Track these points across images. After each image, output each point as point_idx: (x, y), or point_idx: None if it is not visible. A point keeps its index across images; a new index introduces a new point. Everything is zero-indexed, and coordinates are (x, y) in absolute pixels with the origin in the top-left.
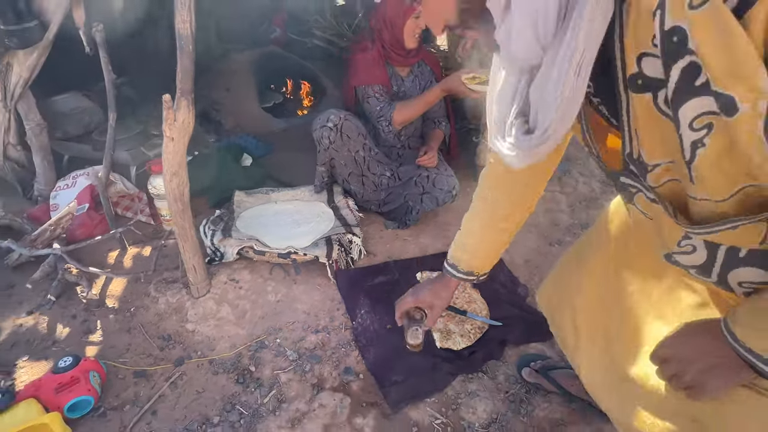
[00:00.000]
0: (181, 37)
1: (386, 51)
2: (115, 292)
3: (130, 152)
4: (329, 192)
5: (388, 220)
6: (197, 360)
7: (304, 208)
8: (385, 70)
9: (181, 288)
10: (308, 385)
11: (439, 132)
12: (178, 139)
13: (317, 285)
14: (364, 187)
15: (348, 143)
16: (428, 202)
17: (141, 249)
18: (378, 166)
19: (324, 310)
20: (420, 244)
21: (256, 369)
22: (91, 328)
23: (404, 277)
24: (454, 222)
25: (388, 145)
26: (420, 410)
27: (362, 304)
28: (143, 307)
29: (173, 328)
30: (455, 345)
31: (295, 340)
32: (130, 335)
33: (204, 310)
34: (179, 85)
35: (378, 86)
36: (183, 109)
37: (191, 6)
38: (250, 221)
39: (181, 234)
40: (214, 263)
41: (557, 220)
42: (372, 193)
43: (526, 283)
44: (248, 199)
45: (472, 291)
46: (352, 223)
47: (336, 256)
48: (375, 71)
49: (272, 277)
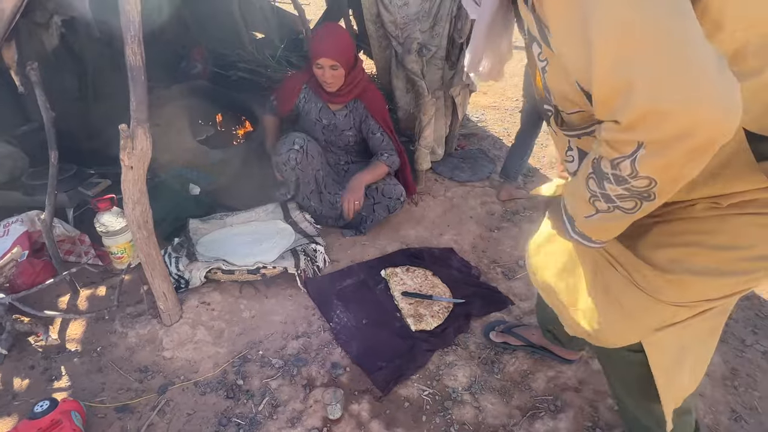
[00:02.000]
0: (133, 69)
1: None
2: (75, 335)
3: (67, 193)
4: (284, 209)
5: (346, 228)
6: (181, 384)
7: (262, 227)
8: (292, 99)
9: (150, 319)
10: (299, 386)
11: (380, 164)
12: (137, 166)
13: (288, 296)
14: (322, 204)
15: (312, 162)
16: (380, 211)
17: (94, 290)
18: (333, 185)
19: (300, 317)
20: (378, 245)
21: (244, 382)
22: (55, 375)
23: (370, 277)
24: (405, 223)
25: (333, 162)
26: (408, 387)
27: (336, 306)
28: (111, 345)
29: (149, 358)
30: (428, 325)
31: (277, 349)
32: (103, 374)
33: (179, 335)
34: (134, 115)
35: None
36: (140, 137)
37: (140, 38)
38: (210, 245)
39: (148, 262)
40: (181, 291)
41: (492, 210)
42: (329, 210)
43: (477, 266)
44: (204, 226)
45: (433, 278)
46: (312, 234)
47: (304, 266)
48: (285, 98)
49: (243, 296)
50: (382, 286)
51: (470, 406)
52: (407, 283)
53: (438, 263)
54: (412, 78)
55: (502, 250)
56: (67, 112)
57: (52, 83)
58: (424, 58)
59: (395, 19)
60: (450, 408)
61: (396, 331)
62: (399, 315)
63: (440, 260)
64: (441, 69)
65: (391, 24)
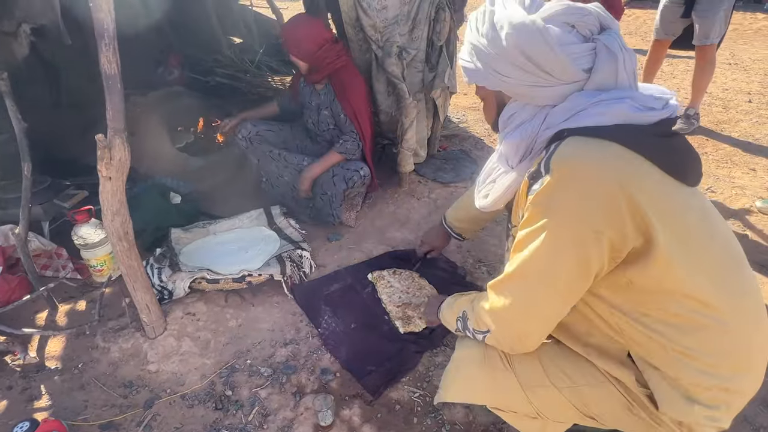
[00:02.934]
0: (108, 77)
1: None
2: (54, 352)
3: (42, 206)
4: (268, 216)
5: (318, 220)
6: (168, 398)
7: (247, 234)
8: (296, 86)
9: (133, 332)
10: (289, 394)
11: (332, 153)
12: (115, 177)
13: (275, 303)
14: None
15: (261, 146)
16: (339, 183)
17: (74, 305)
18: (294, 157)
19: (287, 324)
20: (364, 249)
21: (232, 392)
22: (34, 395)
23: (357, 281)
24: (390, 226)
25: (318, 153)
26: (398, 390)
27: (324, 312)
28: (93, 361)
29: (134, 373)
30: (416, 327)
31: (265, 357)
32: (85, 391)
33: (164, 348)
34: (111, 124)
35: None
36: (118, 146)
37: (115, 46)
38: (193, 255)
39: (130, 274)
40: (164, 302)
41: None
42: (299, 203)
43: (462, 265)
44: (186, 235)
45: (420, 280)
46: (298, 240)
47: (290, 272)
48: (293, 86)
49: (229, 305)
50: (369, 290)
51: (461, 406)
52: (394, 285)
53: (424, 265)
54: (392, 81)
55: (487, 249)
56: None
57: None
58: (404, 61)
59: (375, 23)
60: (441, 409)
61: (384, 335)
62: (387, 318)
63: (427, 262)
64: (421, 72)
65: (371, 28)
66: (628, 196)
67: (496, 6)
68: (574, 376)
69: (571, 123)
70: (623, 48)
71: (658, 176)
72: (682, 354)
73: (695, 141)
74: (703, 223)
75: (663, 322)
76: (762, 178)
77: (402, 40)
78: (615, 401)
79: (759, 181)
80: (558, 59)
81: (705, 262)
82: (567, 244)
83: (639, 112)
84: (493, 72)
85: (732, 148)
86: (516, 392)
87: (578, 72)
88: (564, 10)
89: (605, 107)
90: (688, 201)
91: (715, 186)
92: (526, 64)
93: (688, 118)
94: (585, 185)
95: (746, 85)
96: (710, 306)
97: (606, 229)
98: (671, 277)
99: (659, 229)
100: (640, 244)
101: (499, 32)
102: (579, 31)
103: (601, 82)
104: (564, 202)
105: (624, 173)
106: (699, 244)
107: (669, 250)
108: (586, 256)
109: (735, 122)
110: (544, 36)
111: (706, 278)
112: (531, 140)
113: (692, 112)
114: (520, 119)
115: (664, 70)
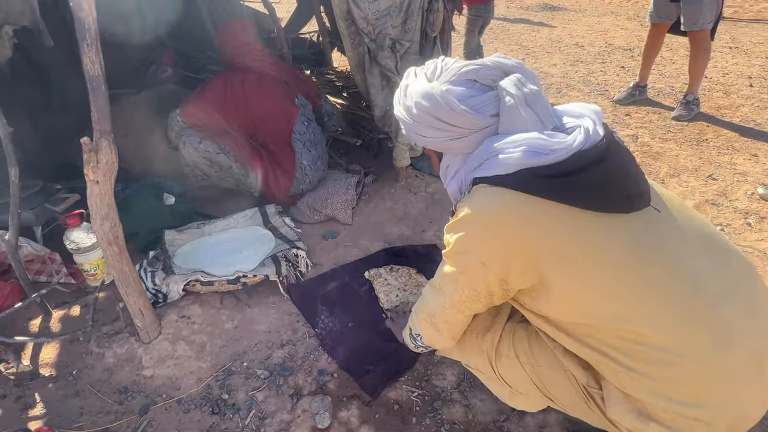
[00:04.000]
0: (92, 79)
1: None
2: (48, 359)
3: (33, 211)
4: (263, 215)
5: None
6: (164, 403)
7: (242, 234)
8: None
9: (127, 337)
10: (286, 396)
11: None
12: (103, 181)
13: (271, 304)
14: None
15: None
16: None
17: (67, 310)
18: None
19: (284, 325)
20: (361, 246)
21: (229, 396)
22: (29, 403)
23: (354, 279)
24: (387, 222)
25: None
26: (397, 390)
27: (320, 311)
28: (88, 367)
29: (129, 378)
30: None
31: (262, 359)
32: (80, 398)
33: (159, 352)
34: (97, 126)
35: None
36: (104, 149)
37: (98, 47)
38: (188, 257)
39: (122, 279)
40: (158, 305)
41: None
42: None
43: None
44: (180, 237)
45: (417, 276)
46: (293, 239)
47: (286, 272)
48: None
49: (224, 306)
50: (367, 288)
51: (460, 405)
52: (391, 283)
53: (422, 260)
54: (386, 75)
55: None
56: (32, 123)
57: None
58: (398, 54)
59: (366, 15)
60: (440, 408)
61: (382, 334)
62: (384, 317)
63: (424, 257)
64: (415, 64)
65: (363, 20)
66: (512, 242)
67: (410, 80)
68: (537, 355)
69: (481, 171)
70: (522, 88)
71: (560, 215)
72: (632, 377)
73: (695, 128)
74: (636, 250)
75: (608, 345)
76: (764, 163)
77: (395, 32)
78: (573, 390)
79: (761, 167)
80: (460, 114)
81: (636, 292)
82: (458, 270)
83: (537, 158)
84: (417, 135)
85: (733, 133)
86: (483, 356)
87: (484, 119)
88: (462, 70)
89: (505, 156)
90: (608, 232)
91: (716, 173)
92: (438, 123)
93: (687, 105)
94: (476, 228)
95: (747, 69)
96: (649, 336)
97: (491, 263)
98: (583, 311)
99: (551, 269)
100: (534, 282)
101: (411, 103)
102: (482, 82)
103: (509, 122)
104: (460, 239)
105: (512, 220)
106: (625, 275)
107: (568, 288)
108: (473, 281)
109: (736, 107)
110: (444, 99)
111: (640, 309)
112: (462, 184)
113: (691, 98)
114: (454, 169)
115: (663, 56)
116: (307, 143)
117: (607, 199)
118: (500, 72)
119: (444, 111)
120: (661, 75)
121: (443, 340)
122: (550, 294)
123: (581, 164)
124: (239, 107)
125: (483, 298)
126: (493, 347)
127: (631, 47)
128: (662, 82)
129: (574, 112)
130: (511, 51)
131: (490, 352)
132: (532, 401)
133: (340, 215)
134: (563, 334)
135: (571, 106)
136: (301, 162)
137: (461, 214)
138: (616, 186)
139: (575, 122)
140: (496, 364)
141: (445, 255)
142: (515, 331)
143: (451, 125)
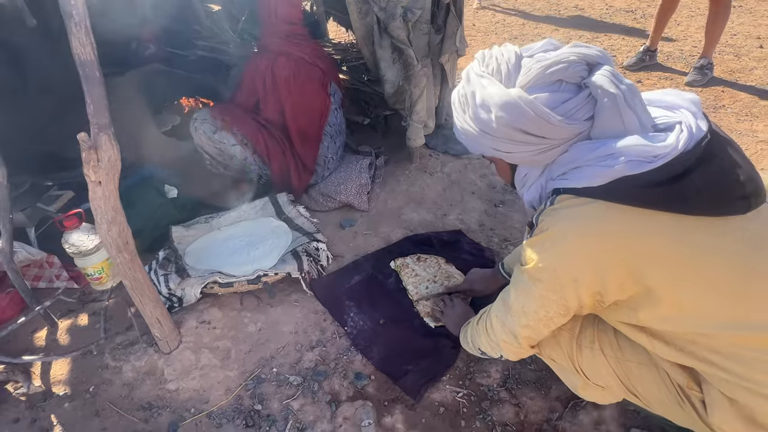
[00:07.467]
0: (84, 64)
1: None
2: (60, 376)
3: (24, 212)
4: (275, 205)
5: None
6: (193, 419)
7: (255, 227)
8: None
9: (145, 347)
10: (323, 403)
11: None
12: (106, 181)
13: (294, 302)
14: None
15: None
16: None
17: (75, 319)
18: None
19: (311, 324)
20: (381, 234)
21: (262, 406)
22: (45, 426)
23: (378, 270)
24: (405, 206)
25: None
26: (440, 391)
27: (348, 308)
28: (105, 383)
29: (152, 393)
30: None
31: (292, 364)
32: (101, 418)
33: (182, 363)
34: (94, 120)
35: None
36: (105, 145)
37: (88, 26)
38: (199, 255)
39: (135, 287)
40: (174, 311)
41: (492, 182)
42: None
43: (489, 246)
44: (188, 233)
45: (447, 266)
46: (311, 231)
47: (308, 267)
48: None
49: (245, 308)
50: (393, 279)
51: (509, 404)
52: (420, 273)
53: (448, 248)
54: (398, 47)
55: (511, 226)
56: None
57: None
58: (410, 23)
59: None
60: (488, 409)
61: (417, 330)
62: (416, 310)
63: (450, 245)
64: (427, 34)
65: None
66: (611, 257)
67: (475, 86)
68: (624, 349)
69: (566, 181)
70: (620, 85)
71: (665, 221)
72: (742, 386)
73: (711, 93)
74: (758, 252)
75: (716, 352)
76: None
77: None
78: (665, 389)
79: None
80: (554, 124)
81: (748, 301)
82: (545, 287)
83: (635, 169)
84: (493, 150)
85: (750, 97)
86: (559, 347)
87: (579, 125)
88: (548, 71)
89: (602, 169)
90: (724, 233)
91: (738, 142)
92: (524, 137)
93: (701, 69)
94: (570, 246)
95: (755, 29)
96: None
97: (583, 278)
98: (695, 319)
99: (658, 278)
100: (633, 292)
101: (489, 115)
102: (569, 82)
103: (604, 125)
104: (549, 255)
105: (611, 236)
106: (750, 279)
107: (680, 296)
108: (562, 297)
109: (749, 70)
110: (535, 108)
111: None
112: (542, 192)
113: (705, 62)
114: (533, 177)
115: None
116: (334, 135)
117: (721, 204)
118: (584, 65)
119: (534, 123)
120: (667, 38)
121: (524, 352)
122: (657, 303)
123: (686, 166)
124: (268, 101)
125: (573, 312)
126: (573, 337)
127: (633, 9)
128: (670, 45)
129: (667, 103)
130: (508, 16)
131: (570, 343)
132: (609, 394)
133: (355, 201)
134: (660, 342)
135: (661, 95)
136: (326, 155)
137: (550, 230)
138: (729, 187)
139: (671, 117)
140: (576, 356)
141: (527, 272)
142: (598, 323)
143: (541, 137)
